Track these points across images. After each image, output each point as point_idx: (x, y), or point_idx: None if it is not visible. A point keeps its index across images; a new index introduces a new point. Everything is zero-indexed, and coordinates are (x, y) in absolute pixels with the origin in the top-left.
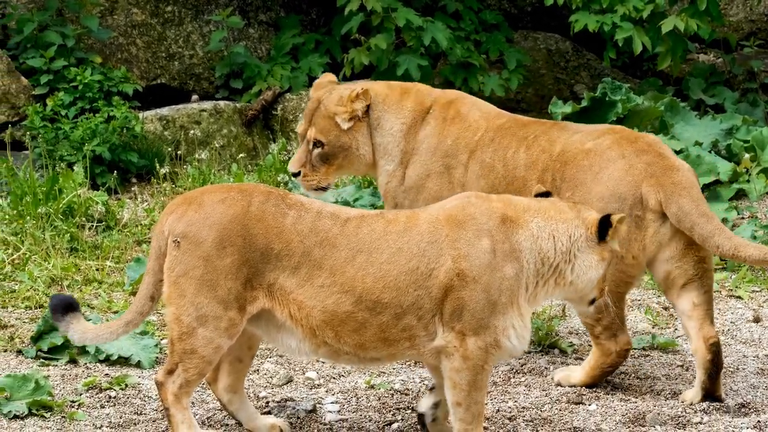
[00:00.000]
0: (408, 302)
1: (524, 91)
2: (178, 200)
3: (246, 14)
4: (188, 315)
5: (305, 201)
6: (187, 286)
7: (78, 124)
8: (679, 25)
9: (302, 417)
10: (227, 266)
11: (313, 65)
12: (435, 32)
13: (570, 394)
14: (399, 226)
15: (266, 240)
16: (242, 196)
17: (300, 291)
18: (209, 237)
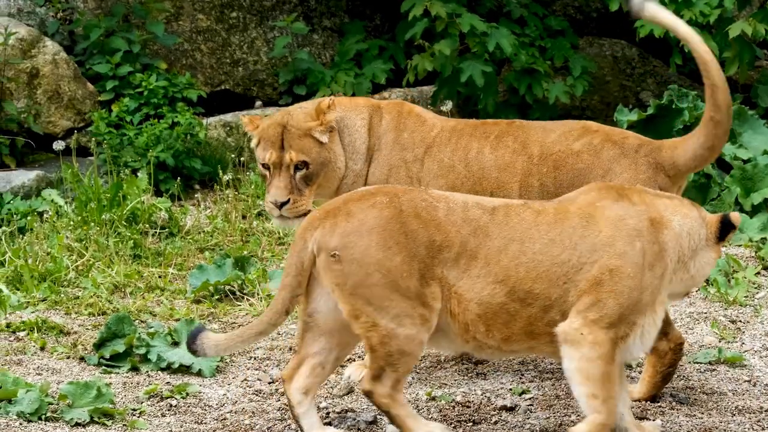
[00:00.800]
0: (556, 295)
1: (589, 98)
2: (319, 215)
3: (310, 20)
4: (383, 319)
5: (446, 193)
6: (369, 294)
7: (142, 130)
8: (747, 29)
9: (363, 428)
10: (399, 266)
11: (376, 71)
12: (499, 38)
13: (634, 409)
14: (549, 217)
15: (427, 233)
16: (388, 197)
17: (460, 283)
18: (372, 242)
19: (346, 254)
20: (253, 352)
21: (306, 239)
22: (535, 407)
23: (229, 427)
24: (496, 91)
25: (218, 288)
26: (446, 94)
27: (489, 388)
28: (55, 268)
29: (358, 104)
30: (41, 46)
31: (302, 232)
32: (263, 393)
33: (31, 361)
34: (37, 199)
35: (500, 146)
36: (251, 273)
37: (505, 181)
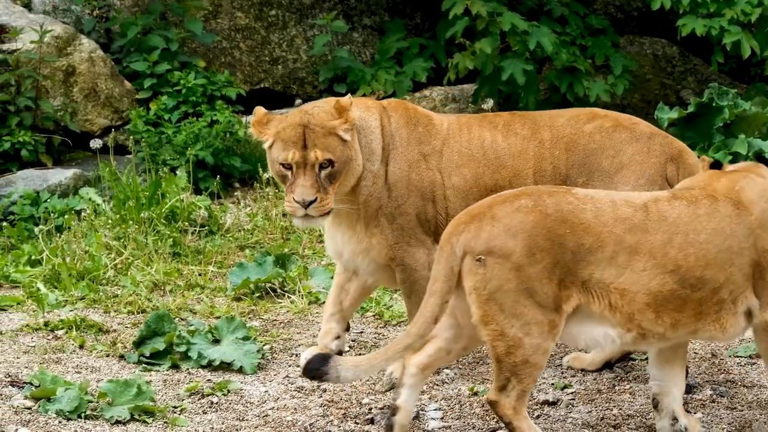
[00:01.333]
0: (723, 278)
1: (630, 97)
2: (463, 219)
3: (350, 18)
4: (512, 327)
5: (590, 193)
6: (504, 300)
7: (181, 128)
8: None
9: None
10: (540, 272)
11: (417, 69)
12: (540, 37)
13: None
14: (704, 208)
15: (575, 238)
16: (533, 201)
17: (621, 279)
18: (517, 247)
19: (490, 259)
20: (295, 349)
21: (452, 244)
22: (576, 401)
23: (271, 424)
24: (537, 89)
25: (259, 285)
26: (487, 93)
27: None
28: (94, 267)
29: (368, 105)
30: (77, 43)
31: (448, 237)
32: (305, 389)
33: (70, 359)
34: (74, 198)
35: (509, 134)
36: (292, 270)
37: (521, 168)
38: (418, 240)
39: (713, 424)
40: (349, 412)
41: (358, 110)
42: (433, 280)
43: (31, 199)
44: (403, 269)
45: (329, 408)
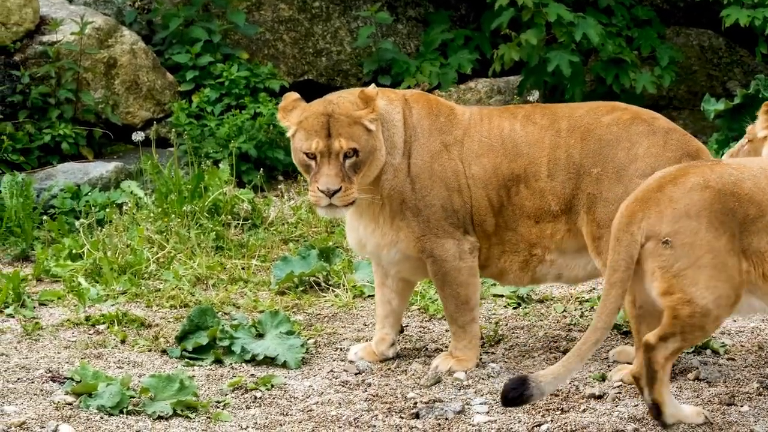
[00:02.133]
0: None
1: (676, 89)
2: (636, 206)
3: (395, 10)
4: (704, 298)
5: (741, 162)
6: (698, 275)
7: (224, 120)
8: None
9: (450, 418)
10: (725, 245)
11: (462, 61)
12: (586, 28)
13: (722, 395)
14: None
15: (743, 209)
16: (702, 178)
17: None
18: (702, 224)
19: (678, 239)
20: (339, 343)
21: (633, 232)
22: (623, 395)
23: (315, 419)
24: (583, 80)
25: (303, 279)
26: (533, 84)
27: (577, 377)
28: (135, 261)
29: (390, 96)
30: (118, 35)
31: (625, 226)
32: (349, 384)
33: (112, 354)
34: (115, 191)
35: (528, 124)
36: (336, 264)
37: (536, 156)
38: (446, 231)
39: (760, 417)
40: (394, 407)
41: (380, 101)
42: (612, 271)
43: (72, 192)
44: (433, 261)
45: (374, 402)
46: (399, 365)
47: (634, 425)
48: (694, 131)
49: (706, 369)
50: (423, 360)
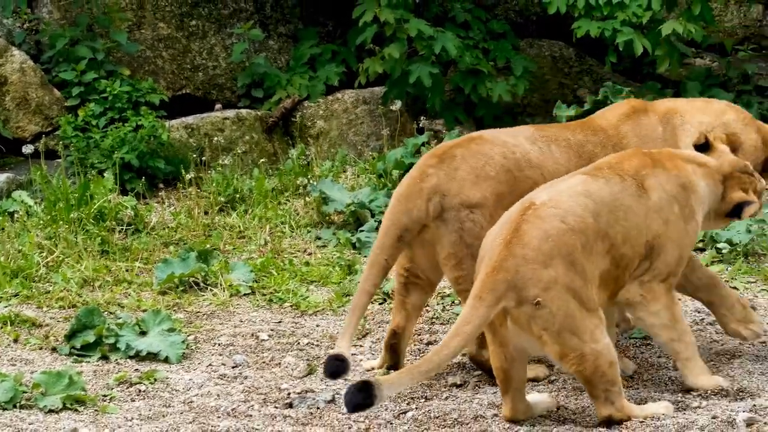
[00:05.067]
0: (631, 255)
1: (530, 96)
2: (498, 276)
3: (266, 27)
4: (585, 344)
5: (546, 197)
6: (572, 323)
7: (108, 133)
8: (678, 28)
9: (322, 407)
10: (579, 280)
11: (329, 74)
12: (445, 41)
13: (577, 382)
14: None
15: (577, 240)
16: (537, 229)
17: (596, 263)
18: (558, 272)
19: (547, 297)
20: (217, 339)
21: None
22: (483, 384)
23: (196, 410)
24: (442, 90)
25: (183, 280)
26: (396, 95)
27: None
28: (27, 265)
29: None
30: (9, 55)
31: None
32: (227, 377)
33: (5, 353)
34: (7, 200)
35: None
36: (214, 265)
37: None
38: None
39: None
40: (269, 398)
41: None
42: (465, 323)
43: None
44: None
45: (250, 394)
46: (273, 359)
47: (493, 411)
48: None
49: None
50: (296, 353)
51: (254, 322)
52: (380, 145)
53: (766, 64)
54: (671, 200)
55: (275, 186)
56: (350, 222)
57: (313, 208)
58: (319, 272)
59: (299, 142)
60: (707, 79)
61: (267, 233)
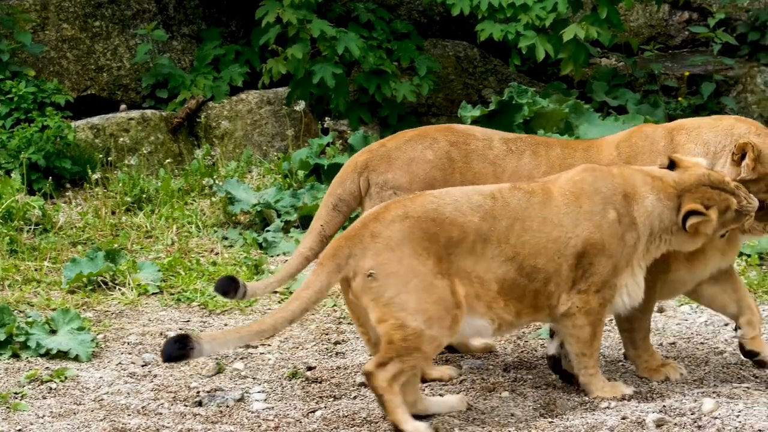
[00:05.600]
0: (552, 269)
1: (434, 97)
2: (342, 242)
3: (169, 28)
4: (415, 321)
5: (442, 189)
6: (407, 300)
7: (14, 133)
8: (580, 33)
9: (231, 405)
10: (432, 269)
11: (233, 75)
12: (348, 42)
13: (485, 384)
14: (538, 197)
15: (445, 233)
16: (402, 209)
17: (478, 267)
18: (404, 253)
19: (382, 271)
20: (126, 338)
21: (337, 263)
22: None
23: (106, 408)
24: (346, 91)
25: (91, 279)
26: (299, 95)
27: (349, 365)
28: None
29: None
30: None
31: (330, 257)
32: (137, 375)
33: None
34: None
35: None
36: (121, 264)
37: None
38: None
39: (519, 402)
40: (179, 396)
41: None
42: (305, 287)
43: None
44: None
45: (160, 392)
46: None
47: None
48: None
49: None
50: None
51: (162, 321)
52: (285, 146)
53: (672, 64)
54: (606, 208)
55: (181, 186)
56: (256, 222)
57: (220, 208)
58: (227, 272)
59: (204, 143)
60: (613, 79)
61: (174, 233)
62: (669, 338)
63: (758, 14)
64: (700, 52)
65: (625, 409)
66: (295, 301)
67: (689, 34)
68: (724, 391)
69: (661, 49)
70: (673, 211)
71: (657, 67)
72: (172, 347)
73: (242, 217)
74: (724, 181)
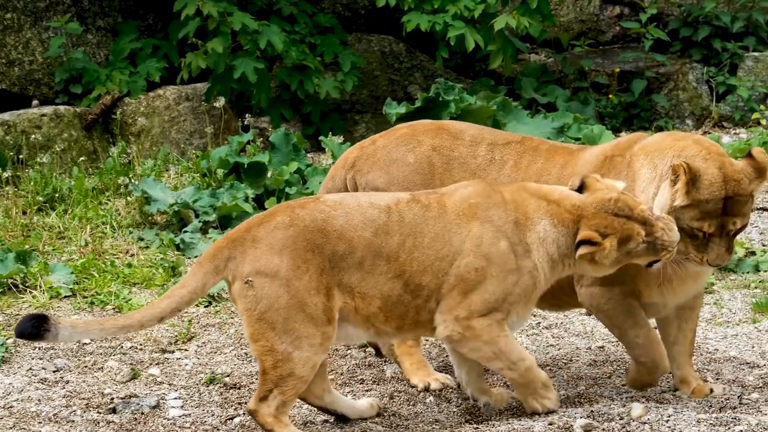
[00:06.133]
0: (435, 286)
1: (359, 93)
2: (224, 243)
3: (84, 20)
4: (282, 343)
5: (338, 198)
6: (275, 317)
7: None
8: (511, 22)
9: (146, 412)
10: (306, 284)
11: (150, 69)
12: (270, 35)
13: (410, 390)
14: (433, 212)
15: (331, 246)
16: (289, 216)
17: (363, 283)
18: (283, 263)
19: (258, 280)
20: (38, 343)
21: (215, 264)
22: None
23: (16, 415)
24: (268, 87)
25: (1, 281)
26: (219, 91)
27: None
28: None
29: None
30: None
31: (210, 257)
32: (48, 381)
33: None
34: None
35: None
36: (33, 266)
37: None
38: None
39: (443, 407)
40: (92, 403)
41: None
42: (180, 286)
43: None
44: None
45: (72, 399)
46: (96, 363)
47: (324, 417)
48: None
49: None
50: (119, 357)
51: None
52: (204, 144)
53: (603, 60)
54: (497, 235)
55: (96, 185)
56: (174, 222)
57: (135, 208)
58: (142, 274)
59: (120, 140)
60: (542, 75)
61: (88, 234)
62: (597, 341)
63: (690, 9)
64: (631, 48)
65: (553, 415)
66: (167, 299)
67: (620, 30)
68: (654, 396)
69: (591, 45)
70: (569, 237)
71: (587, 64)
72: (26, 325)
73: (159, 217)
74: (633, 209)
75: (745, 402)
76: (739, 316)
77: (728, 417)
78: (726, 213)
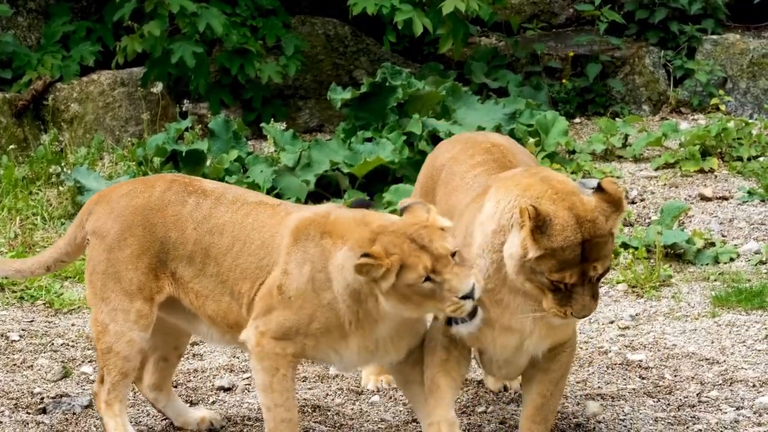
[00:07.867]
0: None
1: (302, 78)
2: (92, 199)
3: (15, 2)
4: (101, 312)
5: (209, 187)
6: (96, 282)
7: None
8: (460, 6)
9: (78, 412)
10: (127, 257)
11: (84, 53)
12: (210, 18)
13: (353, 388)
14: (277, 219)
15: (164, 229)
16: (145, 187)
17: (196, 280)
18: (112, 230)
19: (92, 239)
20: None
21: (82, 219)
22: (252, 387)
23: None
24: (207, 72)
25: None
26: (156, 76)
27: (207, 368)
28: None
29: None
30: None
31: (82, 212)
32: None
33: None
34: None
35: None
36: None
37: None
38: None
39: (390, 406)
40: (21, 402)
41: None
42: (63, 237)
43: None
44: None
45: (0, 399)
46: (25, 360)
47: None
48: (321, 120)
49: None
50: (50, 355)
51: (4, 321)
52: (140, 131)
53: (556, 44)
54: (304, 264)
55: (26, 174)
56: None
57: (68, 198)
58: (74, 267)
59: (52, 127)
60: (493, 59)
61: (17, 225)
62: None
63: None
64: (585, 32)
65: (504, 413)
66: (51, 249)
67: (574, 12)
68: (609, 393)
69: (544, 28)
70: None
71: (540, 47)
72: None
73: None
74: (433, 242)
75: (704, 400)
76: (698, 309)
77: (687, 416)
78: (586, 259)
